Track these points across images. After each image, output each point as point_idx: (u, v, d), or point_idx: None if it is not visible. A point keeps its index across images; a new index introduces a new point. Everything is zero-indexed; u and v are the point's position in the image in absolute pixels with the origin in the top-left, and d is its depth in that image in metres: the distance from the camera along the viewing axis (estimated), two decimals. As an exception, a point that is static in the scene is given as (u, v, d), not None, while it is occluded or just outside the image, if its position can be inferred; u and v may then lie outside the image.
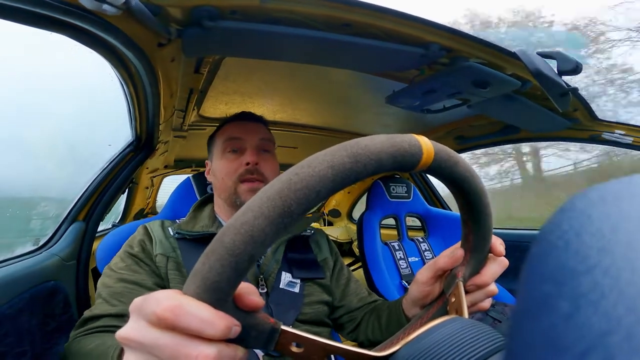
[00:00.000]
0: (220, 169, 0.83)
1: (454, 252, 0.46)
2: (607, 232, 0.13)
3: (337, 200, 3.23)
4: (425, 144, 0.31)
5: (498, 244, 0.45)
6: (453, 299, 0.41)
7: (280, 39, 0.73)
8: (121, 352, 0.37)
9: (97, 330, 0.60)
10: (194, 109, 1.25)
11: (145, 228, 0.79)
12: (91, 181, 1.26)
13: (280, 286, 0.77)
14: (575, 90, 0.99)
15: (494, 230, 0.42)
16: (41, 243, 1.11)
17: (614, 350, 0.10)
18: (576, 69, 0.89)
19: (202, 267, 0.26)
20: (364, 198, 1.89)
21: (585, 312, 0.12)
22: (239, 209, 0.26)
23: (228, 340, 0.27)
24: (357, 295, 0.85)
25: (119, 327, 0.62)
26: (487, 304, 0.49)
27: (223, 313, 0.26)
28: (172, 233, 0.78)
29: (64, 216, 1.20)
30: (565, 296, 0.13)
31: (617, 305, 0.11)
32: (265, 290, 0.75)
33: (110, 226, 2.10)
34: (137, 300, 0.28)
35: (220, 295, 0.26)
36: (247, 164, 0.80)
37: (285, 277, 0.78)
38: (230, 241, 0.25)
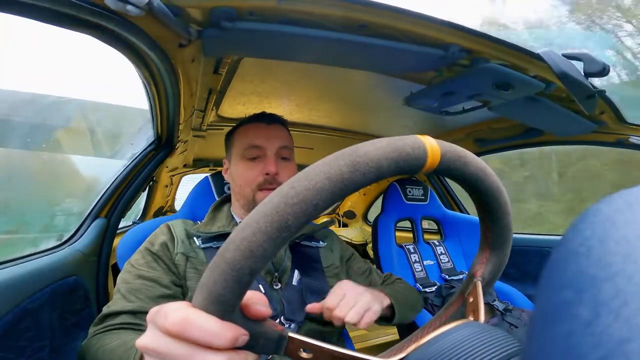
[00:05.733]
0: (239, 175, 0.83)
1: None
2: (632, 238, 0.13)
3: (352, 202, 3.22)
4: (431, 145, 0.30)
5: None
6: (471, 299, 0.40)
7: (297, 39, 0.73)
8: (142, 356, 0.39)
9: (115, 327, 0.62)
10: (212, 109, 1.27)
11: (168, 227, 0.80)
12: (114, 179, 1.29)
13: (293, 283, 0.77)
14: (602, 93, 0.95)
15: (513, 236, 0.41)
16: (64, 238, 1.15)
17: (632, 358, 0.10)
18: (603, 71, 0.85)
19: (207, 280, 0.27)
20: (380, 199, 1.88)
21: (606, 319, 0.11)
22: (240, 224, 0.27)
23: (238, 347, 0.28)
24: (380, 278, 0.90)
25: (136, 324, 0.64)
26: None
27: (229, 323, 0.27)
28: (193, 234, 0.80)
29: (87, 212, 1.24)
30: (586, 303, 0.12)
31: (639, 313, 0.11)
32: (280, 286, 0.75)
33: (130, 223, 2.16)
34: (152, 311, 0.30)
35: (225, 307, 0.27)
36: (267, 174, 0.79)
37: (298, 274, 0.79)
38: (231, 256, 0.26)
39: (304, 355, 0.30)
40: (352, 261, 0.93)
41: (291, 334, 0.30)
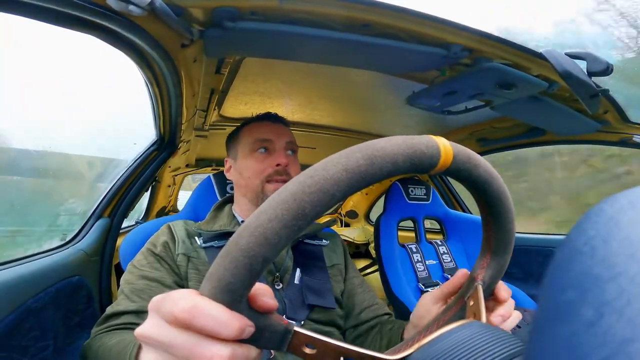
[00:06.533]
0: (247, 168, 0.83)
1: (459, 278, 0.49)
2: (635, 239, 0.13)
3: (354, 201, 3.22)
4: (444, 145, 0.30)
5: (502, 290, 0.46)
6: (471, 303, 0.40)
7: (299, 39, 0.73)
8: (139, 349, 0.38)
9: (118, 327, 0.63)
10: (214, 109, 1.27)
11: (169, 227, 0.80)
12: (117, 179, 1.30)
13: (295, 281, 0.77)
14: (605, 92, 0.95)
15: (517, 235, 0.41)
16: (68, 238, 1.16)
17: (635, 358, 0.10)
18: (607, 70, 0.85)
19: (218, 268, 0.26)
20: (382, 199, 1.88)
21: (609, 319, 0.11)
22: (255, 211, 0.26)
23: (242, 341, 0.27)
24: (361, 306, 0.84)
25: (139, 324, 0.64)
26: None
27: (237, 314, 0.27)
28: (194, 234, 0.80)
29: (91, 212, 1.24)
30: (589, 303, 0.12)
31: None
32: (281, 286, 0.75)
33: (133, 223, 2.17)
34: (156, 299, 0.29)
35: (234, 296, 0.26)
36: (278, 165, 0.81)
37: (299, 273, 0.79)
38: (245, 243, 0.25)
39: (307, 350, 0.30)
40: (349, 271, 0.92)
41: (296, 329, 0.30)
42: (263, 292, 0.29)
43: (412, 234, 1.75)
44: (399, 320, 0.77)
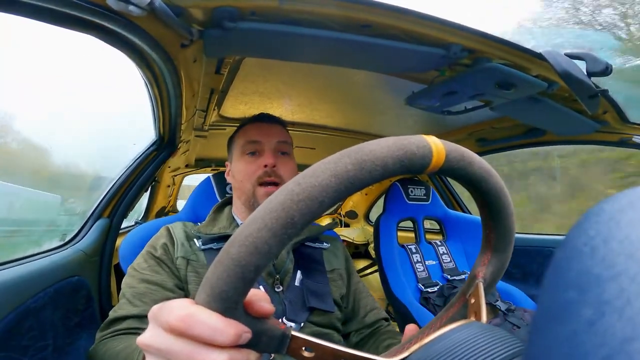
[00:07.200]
0: (239, 171, 0.84)
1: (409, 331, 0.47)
2: (635, 238, 0.13)
3: (354, 202, 3.22)
4: (436, 144, 0.30)
5: None
6: (473, 300, 0.40)
7: (299, 39, 0.73)
8: (145, 356, 0.39)
9: (122, 332, 0.63)
10: (214, 109, 1.27)
11: (168, 230, 0.80)
12: (116, 179, 1.30)
13: (296, 284, 0.77)
14: (605, 92, 0.95)
15: (516, 236, 0.41)
16: (68, 238, 1.16)
17: (635, 357, 0.10)
18: (606, 71, 0.85)
19: (211, 276, 0.27)
20: (382, 199, 1.88)
21: (609, 318, 0.11)
22: (246, 220, 0.27)
23: (241, 345, 0.28)
24: (365, 309, 0.86)
25: (142, 328, 0.65)
26: None
27: (233, 320, 0.27)
28: (193, 236, 0.80)
29: (90, 213, 1.24)
30: (589, 303, 0.12)
31: None
32: (281, 288, 0.75)
33: (133, 223, 2.16)
34: (154, 309, 0.30)
35: (229, 304, 0.26)
36: (265, 166, 0.81)
37: (300, 275, 0.79)
38: (236, 252, 0.25)
39: (306, 354, 0.30)
40: (352, 276, 0.92)
41: (294, 333, 0.30)
42: (259, 298, 0.29)
43: (412, 235, 1.75)
44: (398, 335, 0.79)
